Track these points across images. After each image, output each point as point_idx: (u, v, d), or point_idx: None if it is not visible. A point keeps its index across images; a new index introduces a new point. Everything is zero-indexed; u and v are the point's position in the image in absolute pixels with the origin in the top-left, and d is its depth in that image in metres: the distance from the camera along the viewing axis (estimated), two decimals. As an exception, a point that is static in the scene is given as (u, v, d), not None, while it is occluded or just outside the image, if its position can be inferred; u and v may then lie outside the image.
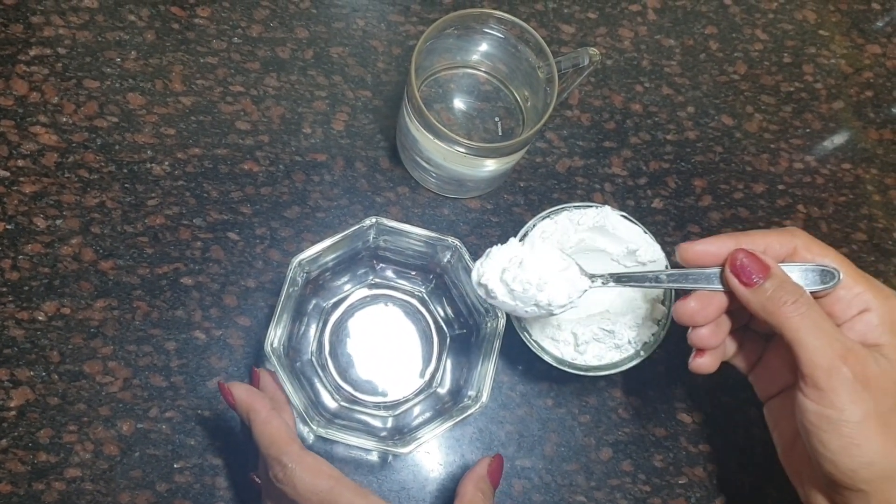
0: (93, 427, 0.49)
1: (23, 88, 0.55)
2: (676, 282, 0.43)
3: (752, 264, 0.40)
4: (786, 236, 0.42)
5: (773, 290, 0.40)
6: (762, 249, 0.41)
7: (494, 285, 0.44)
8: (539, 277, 0.43)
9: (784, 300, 0.39)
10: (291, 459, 0.40)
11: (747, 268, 0.40)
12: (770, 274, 0.40)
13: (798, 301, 0.39)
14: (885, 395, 0.38)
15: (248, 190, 0.56)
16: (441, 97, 0.57)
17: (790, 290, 0.39)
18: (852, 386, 0.37)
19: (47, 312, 0.51)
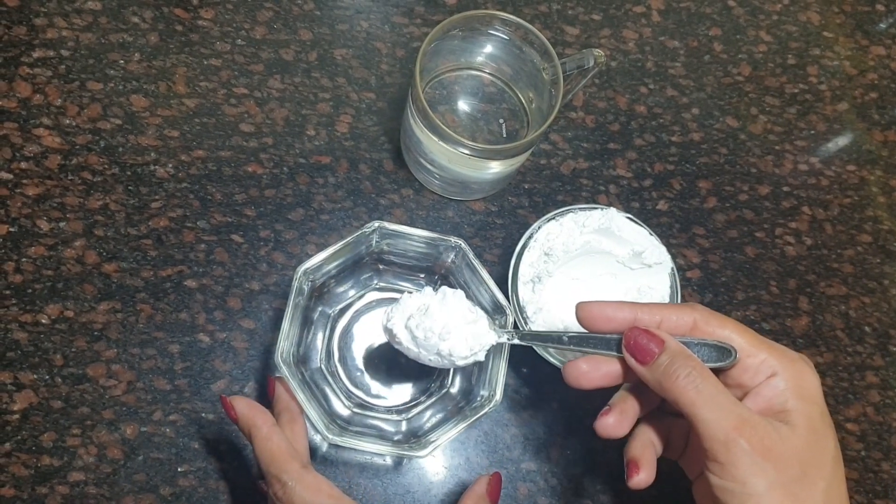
0: (96, 431, 0.49)
1: (26, 90, 0.55)
2: (577, 345, 0.43)
3: (645, 341, 0.39)
4: (684, 311, 0.41)
5: (667, 364, 0.39)
6: (658, 322, 0.40)
7: (399, 331, 0.44)
8: (443, 327, 0.43)
9: (678, 374, 0.38)
10: (291, 477, 0.40)
11: (641, 345, 0.40)
12: (664, 348, 0.39)
13: (691, 374, 0.38)
14: (787, 465, 0.37)
15: (252, 192, 0.56)
16: (445, 99, 0.57)
17: (683, 363, 0.38)
18: (751, 458, 0.36)
19: (50, 315, 0.51)
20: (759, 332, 0.57)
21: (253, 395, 0.52)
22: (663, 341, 0.39)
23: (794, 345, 0.59)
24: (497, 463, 0.53)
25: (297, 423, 0.45)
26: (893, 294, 0.62)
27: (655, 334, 0.40)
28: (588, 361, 0.42)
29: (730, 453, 0.37)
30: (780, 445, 0.37)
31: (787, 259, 0.61)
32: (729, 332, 0.40)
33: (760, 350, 0.40)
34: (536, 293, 0.51)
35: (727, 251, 0.60)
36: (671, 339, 0.40)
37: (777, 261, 0.61)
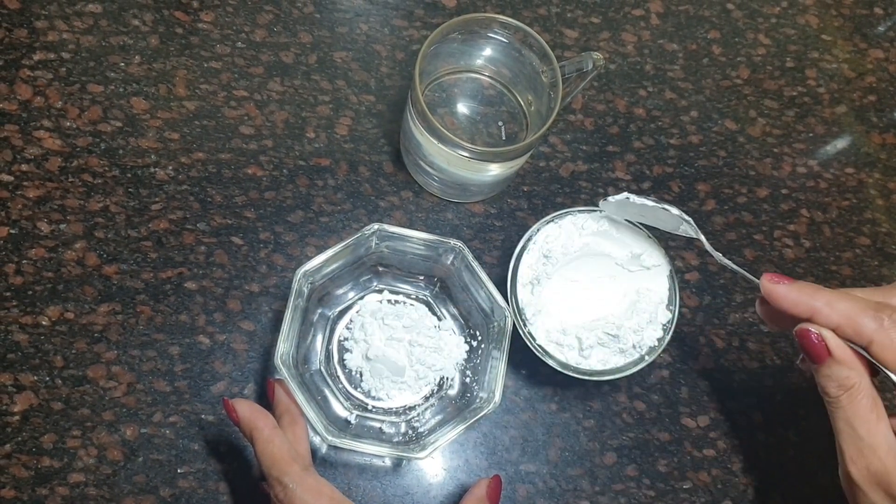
0: (96, 432, 0.49)
1: (27, 93, 0.55)
2: None
3: (811, 348, 0.40)
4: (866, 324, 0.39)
5: (821, 378, 0.40)
6: (834, 326, 0.40)
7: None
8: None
9: (827, 392, 0.40)
10: (292, 480, 0.41)
11: (806, 349, 0.40)
12: (826, 362, 0.40)
13: (839, 398, 0.40)
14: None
15: (252, 194, 0.56)
16: (445, 101, 0.57)
17: (837, 381, 0.40)
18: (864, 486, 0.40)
19: (51, 317, 0.51)
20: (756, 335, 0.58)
21: (252, 397, 0.52)
22: (824, 357, 0.40)
23: (791, 347, 0.59)
24: (496, 465, 0.53)
25: (298, 426, 0.45)
26: (891, 296, 0.62)
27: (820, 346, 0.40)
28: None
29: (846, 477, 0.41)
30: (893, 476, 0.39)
31: (785, 261, 0.61)
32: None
33: None
34: (535, 295, 0.51)
35: (726, 253, 0.61)
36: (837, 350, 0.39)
37: (776, 263, 0.61)
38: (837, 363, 0.40)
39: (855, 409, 0.40)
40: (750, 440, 0.56)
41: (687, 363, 0.57)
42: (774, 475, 0.56)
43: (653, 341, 0.50)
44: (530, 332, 0.50)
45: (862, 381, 0.40)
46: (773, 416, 0.57)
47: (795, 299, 0.41)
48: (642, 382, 0.56)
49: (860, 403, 0.39)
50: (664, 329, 0.50)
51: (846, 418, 0.40)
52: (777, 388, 0.58)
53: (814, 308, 0.40)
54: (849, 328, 0.39)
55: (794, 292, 0.41)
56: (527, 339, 0.50)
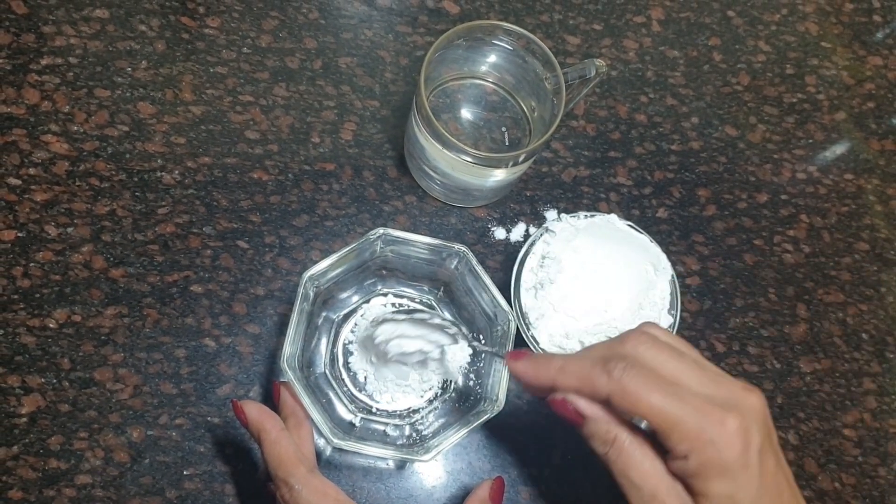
0: (103, 434, 0.50)
1: (34, 97, 0.55)
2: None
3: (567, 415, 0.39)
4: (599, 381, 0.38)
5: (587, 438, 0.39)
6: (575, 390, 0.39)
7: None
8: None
9: (596, 449, 0.39)
10: (298, 481, 0.41)
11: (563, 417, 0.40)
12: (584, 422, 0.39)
13: (607, 452, 0.38)
14: None
15: (258, 198, 0.56)
16: (449, 107, 0.58)
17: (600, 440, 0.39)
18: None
19: (58, 320, 0.51)
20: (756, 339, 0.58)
21: (258, 399, 0.52)
22: (582, 417, 0.39)
23: (791, 351, 0.59)
24: (499, 468, 0.53)
25: (303, 428, 0.45)
26: (890, 301, 0.63)
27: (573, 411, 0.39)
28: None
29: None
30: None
31: (785, 266, 0.62)
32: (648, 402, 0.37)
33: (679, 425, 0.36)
34: (538, 299, 0.52)
35: (726, 258, 0.61)
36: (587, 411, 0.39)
37: (775, 268, 0.62)
38: (593, 421, 0.39)
39: (625, 459, 0.38)
40: (750, 443, 0.57)
41: (688, 367, 0.58)
42: (774, 478, 0.56)
43: (654, 345, 0.50)
44: (533, 335, 0.51)
45: (622, 431, 0.38)
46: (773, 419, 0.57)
47: (534, 373, 0.41)
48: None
49: (627, 452, 0.38)
50: (666, 333, 0.51)
51: (620, 471, 0.38)
52: (777, 392, 0.58)
53: (550, 377, 0.40)
54: (585, 388, 0.39)
55: (531, 367, 0.41)
56: (530, 342, 0.50)
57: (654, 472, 0.38)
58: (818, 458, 0.57)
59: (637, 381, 0.37)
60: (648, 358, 0.38)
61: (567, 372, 0.39)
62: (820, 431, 0.58)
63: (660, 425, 0.37)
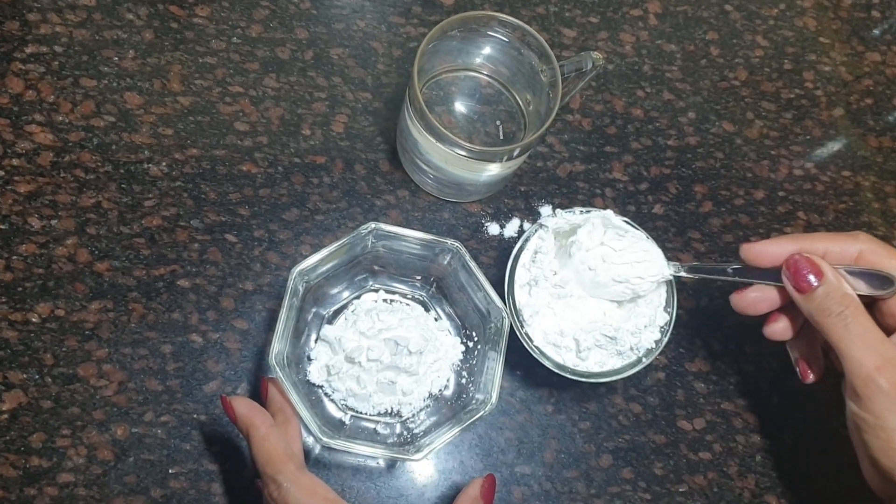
0: (86, 431, 0.48)
1: (18, 86, 0.54)
2: (741, 276, 0.46)
3: (805, 269, 0.42)
4: (849, 241, 0.43)
5: (822, 299, 0.41)
6: (822, 253, 0.43)
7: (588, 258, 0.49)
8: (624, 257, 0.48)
9: (830, 310, 0.41)
10: (287, 479, 0.40)
11: (801, 274, 0.42)
12: (822, 281, 0.41)
13: (843, 313, 0.41)
14: None
15: (247, 191, 0.55)
16: (442, 100, 0.57)
17: (838, 299, 0.41)
18: (888, 396, 0.39)
19: (41, 314, 0.50)
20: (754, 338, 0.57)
21: (245, 396, 0.51)
22: (823, 273, 0.41)
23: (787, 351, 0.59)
24: (491, 466, 0.52)
25: (291, 425, 0.44)
26: (887, 300, 0.62)
27: (816, 264, 0.42)
28: (756, 290, 0.46)
29: (868, 390, 0.40)
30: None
31: (782, 264, 0.61)
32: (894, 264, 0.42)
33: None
34: (533, 296, 0.51)
35: (723, 255, 0.60)
36: (830, 272, 0.42)
37: (772, 266, 0.61)
38: (832, 283, 0.41)
39: (863, 322, 0.41)
40: (746, 443, 0.56)
41: (683, 366, 0.57)
42: (770, 478, 0.55)
43: (650, 343, 0.50)
44: (527, 332, 0.50)
45: (856, 299, 0.41)
46: (769, 419, 0.57)
47: (779, 246, 0.44)
48: (638, 385, 0.56)
49: (865, 316, 0.41)
50: (662, 331, 0.50)
51: (859, 333, 0.40)
52: (773, 391, 0.57)
53: (797, 243, 0.43)
54: (836, 246, 0.43)
55: (773, 242, 0.44)
56: (524, 340, 0.49)
57: (888, 340, 0.41)
58: (814, 459, 0.56)
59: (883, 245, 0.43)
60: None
61: (814, 236, 0.44)
62: (816, 432, 0.57)
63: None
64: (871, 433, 0.41)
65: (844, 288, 0.42)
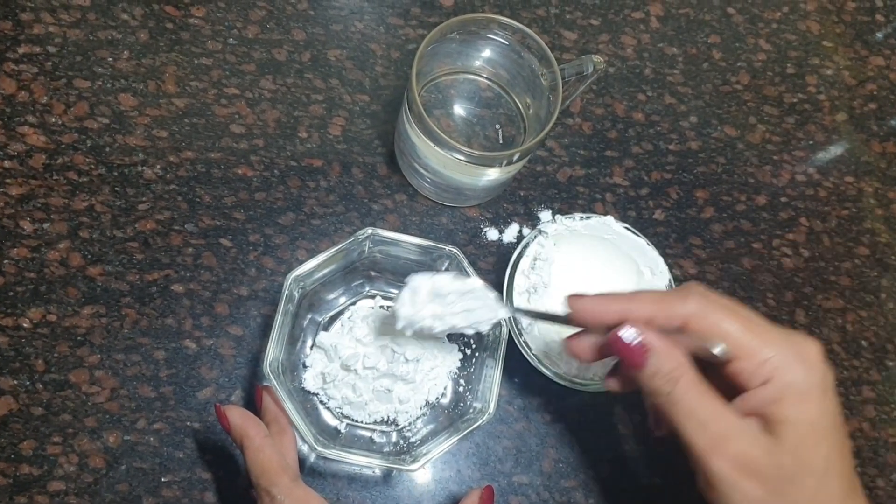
0: (78, 439, 0.48)
1: (11, 87, 0.53)
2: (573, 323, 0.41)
3: (631, 351, 0.37)
4: (677, 304, 0.38)
5: (648, 378, 0.37)
6: (648, 318, 0.38)
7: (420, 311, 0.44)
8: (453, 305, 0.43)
9: (659, 391, 0.37)
10: (280, 491, 0.40)
11: (627, 353, 0.38)
12: (647, 357, 0.37)
13: (671, 392, 0.37)
14: (768, 480, 0.36)
15: (242, 195, 0.54)
16: (441, 103, 0.56)
17: (665, 376, 0.37)
18: (728, 478, 0.36)
19: (32, 319, 0.49)
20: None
21: (240, 404, 0.50)
22: (646, 351, 0.37)
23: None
24: (489, 476, 0.52)
25: (286, 435, 0.44)
26: (890, 308, 0.61)
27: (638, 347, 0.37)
28: (590, 336, 0.41)
29: (709, 474, 0.37)
30: (759, 460, 0.36)
31: (784, 271, 0.61)
32: (727, 328, 0.37)
33: (758, 352, 0.37)
34: (532, 304, 0.50)
35: (724, 262, 0.60)
36: (656, 344, 0.37)
37: (774, 272, 0.60)
38: (659, 356, 0.37)
39: (693, 396, 0.37)
40: (746, 452, 0.55)
41: (683, 373, 0.56)
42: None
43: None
44: (526, 341, 0.49)
45: (688, 368, 0.37)
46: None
47: (604, 305, 0.39)
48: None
49: (696, 389, 0.37)
50: (662, 339, 0.49)
51: (688, 411, 0.36)
52: (774, 400, 0.57)
53: (621, 306, 0.38)
54: (661, 313, 0.37)
55: (599, 300, 0.39)
56: (523, 349, 0.49)
57: (724, 410, 0.37)
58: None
59: (715, 305, 0.37)
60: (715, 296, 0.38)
61: (639, 299, 0.39)
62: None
63: (741, 347, 0.37)
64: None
65: (672, 361, 0.37)
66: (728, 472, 0.36)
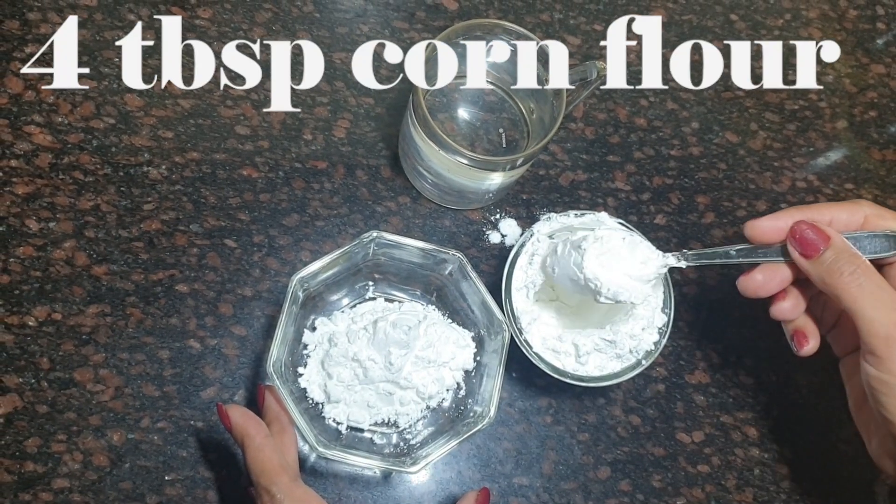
0: (82, 437, 0.48)
1: (18, 86, 0.54)
2: (746, 257, 0.45)
3: (812, 235, 0.41)
4: (853, 207, 0.43)
5: (831, 261, 0.40)
6: (828, 221, 0.42)
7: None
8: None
9: (842, 271, 0.40)
10: (280, 490, 0.40)
11: (807, 239, 0.41)
12: (830, 244, 0.40)
13: (855, 272, 0.40)
14: None
15: (247, 196, 0.55)
16: (445, 107, 0.56)
17: (848, 259, 0.40)
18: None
19: (38, 318, 0.50)
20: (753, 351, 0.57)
21: (243, 403, 0.51)
22: (829, 237, 0.41)
23: (788, 364, 0.58)
24: (489, 477, 0.52)
25: (287, 434, 0.44)
26: (888, 314, 0.62)
27: (822, 229, 0.41)
28: (762, 271, 0.44)
29: (889, 349, 0.39)
30: None
31: (783, 276, 0.61)
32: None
33: None
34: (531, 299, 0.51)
35: (724, 268, 0.60)
36: (837, 236, 0.41)
37: (773, 278, 0.61)
38: (840, 245, 0.41)
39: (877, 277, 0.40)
40: (745, 457, 0.56)
41: (683, 378, 0.57)
42: (768, 493, 0.55)
43: (649, 345, 0.49)
44: (526, 339, 0.49)
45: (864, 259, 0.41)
46: (768, 432, 0.57)
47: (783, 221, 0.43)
48: (638, 396, 0.56)
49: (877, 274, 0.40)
50: (660, 333, 0.50)
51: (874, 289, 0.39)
52: (773, 405, 0.57)
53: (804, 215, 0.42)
54: (843, 212, 0.42)
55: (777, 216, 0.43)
56: (523, 346, 0.49)
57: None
58: (813, 473, 0.56)
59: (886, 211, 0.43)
60: None
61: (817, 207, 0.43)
62: (816, 446, 0.57)
63: None
64: (891, 395, 0.39)
65: (852, 249, 0.41)
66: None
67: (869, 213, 0.43)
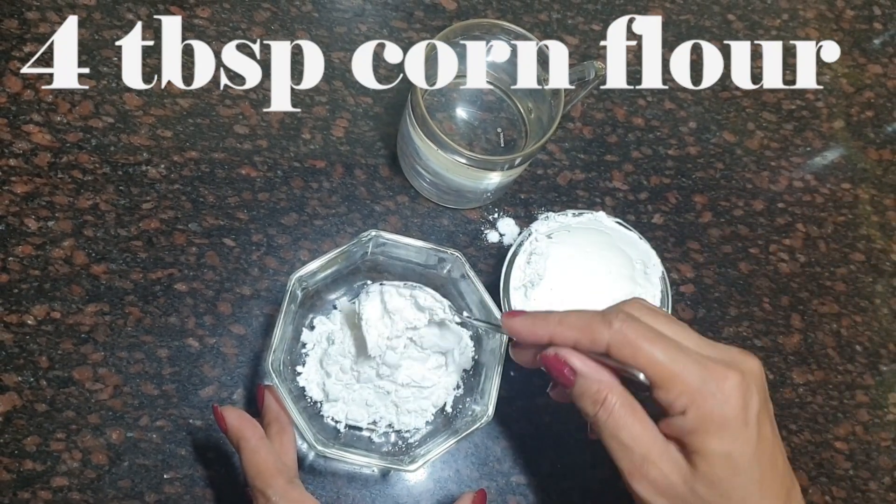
0: (81, 435, 0.48)
1: (16, 86, 0.54)
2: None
3: (558, 371, 0.39)
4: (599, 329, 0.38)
5: (577, 397, 0.39)
6: (572, 343, 0.39)
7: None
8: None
9: (586, 411, 0.38)
10: (276, 493, 0.40)
11: (556, 373, 0.39)
12: (575, 378, 0.38)
13: (596, 413, 0.38)
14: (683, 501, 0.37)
15: (246, 195, 0.55)
16: (444, 106, 0.57)
17: (591, 398, 0.38)
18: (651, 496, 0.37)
19: (37, 316, 0.50)
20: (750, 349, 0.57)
21: (242, 402, 0.51)
22: (574, 373, 0.39)
23: (784, 362, 0.59)
24: (487, 476, 0.52)
25: (286, 435, 0.44)
26: (884, 313, 0.62)
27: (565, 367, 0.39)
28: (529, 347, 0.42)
29: (632, 495, 0.38)
30: (678, 487, 0.37)
31: (780, 276, 0.61)
32: (647, 356, 0.36)
33: (675, 382, 0.36)
34: (528, 299, 0.51)
35: (721, 266, 0.60)
36: (579, 367, 0.38)
37: (770, 277, 0.61)
38: (584, 378, 0.38)
39: (615, 420, 0.37)
40: (741, 455, 0.56)
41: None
42: (765, 491, 0.55)
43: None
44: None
45: (613, 391, 0.38)
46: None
47: (532, 327, 0.40)
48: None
49: (617, 413, 0.37)
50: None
51: (611, 433, 0.38)
52: (769, 404, 0.57)
53: (549, 330, 0.39)
54: (585, 339, 0.38)
55: (528, 322, 0.40)
56: (521, 348, 0.49)
57: (645, 434, 0.37)
58: (809, 471, 0.56)
59: (637, 332, 0.37)
60: (647, 318, 0.38)
61: (566, 323, 0.39)
62: (811, 444, 0.57)
63: (660, 376, 0.36)
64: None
65: (596, 384, 0.38)
66: (649, 495, 0.37)
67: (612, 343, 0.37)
